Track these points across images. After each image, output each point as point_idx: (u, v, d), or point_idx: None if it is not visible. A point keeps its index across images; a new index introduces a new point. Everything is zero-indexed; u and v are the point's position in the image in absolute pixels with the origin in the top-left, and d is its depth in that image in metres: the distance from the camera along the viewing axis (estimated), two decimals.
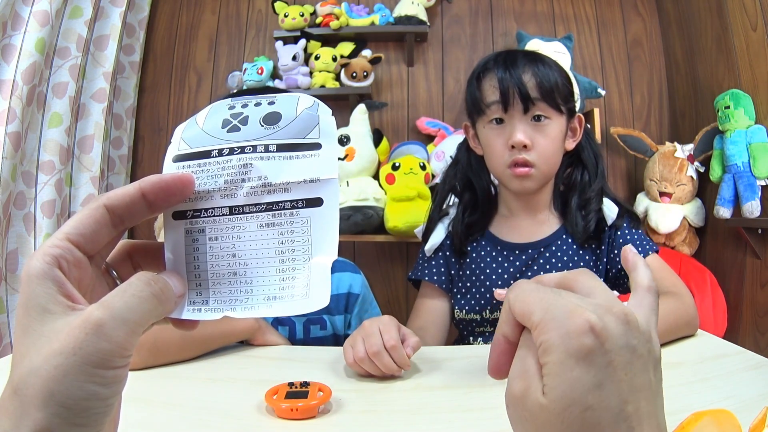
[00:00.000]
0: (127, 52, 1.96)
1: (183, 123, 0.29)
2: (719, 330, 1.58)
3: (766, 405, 0.38)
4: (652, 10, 2.09)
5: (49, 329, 0.21)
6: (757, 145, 1.51)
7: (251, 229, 0.26)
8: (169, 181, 0.26)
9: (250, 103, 0.29)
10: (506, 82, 0.81)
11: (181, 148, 0.27)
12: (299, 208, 0.26)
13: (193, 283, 0.27)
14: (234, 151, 0.27)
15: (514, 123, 0.81)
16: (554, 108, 0.82)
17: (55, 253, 0.23)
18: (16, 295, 1.46)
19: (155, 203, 0.26)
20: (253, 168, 0.26)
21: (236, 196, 0.26)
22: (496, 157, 0.85)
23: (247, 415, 0.54)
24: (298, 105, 0.28)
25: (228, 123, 0.28)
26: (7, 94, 1.39)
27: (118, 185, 1.96)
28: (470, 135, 0.92)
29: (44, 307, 0.22)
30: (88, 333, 0.21)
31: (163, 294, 0.24)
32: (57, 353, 0.20)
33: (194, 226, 0.27)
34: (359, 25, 1.95)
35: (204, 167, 0.27)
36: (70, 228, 0.24)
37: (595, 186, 0.87)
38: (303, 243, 0.26)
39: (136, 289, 0.23)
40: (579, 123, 0.88)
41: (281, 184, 0.26)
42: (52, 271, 0.22)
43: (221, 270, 0.26)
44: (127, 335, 0.22)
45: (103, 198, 0.25)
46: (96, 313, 0.21)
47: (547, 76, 0.81)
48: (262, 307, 0.26)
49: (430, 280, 0.92)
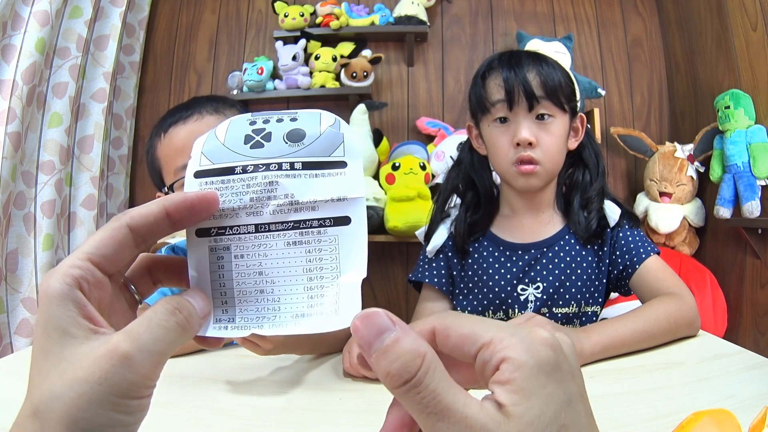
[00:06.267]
0: (127, 52, 1.96)
1: (201, 137, 0.28)
2: (719, 330, 1.58)
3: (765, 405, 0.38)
4: (652, 10, 2.09)
5: (71, 354, 0.21)
6: (757, 145, 1.51)
7: (278, 247, 0.26)
8: (194, 199, 0.25)
9: (271, 118, 0.28)
10: (511, 80, 0.81)
11: (203, 164, 0.27)
12: (327, 226, 0.26)
13: (218, 301, 0.26)
14: (259, 168, 0.26)
15: (519, 121, 0.82)
16: (558, 106, 0.83)
17: (76, 274, 0.22)
18: (16, 295, 1.46)
19: (180, 222, 0.25)
20: (279, 186, 0.26)
21: (262, 214, 0.26)
22: (501, 156, 0.85)
23: (247, 415, 0.54)
24: (321, 122, 0.28)
25: (251, 139, 0.27)
26: (7, 94, 1.39)
27: (118, 185, 1.95)
28: (474, 135, 0.92)
29: (65, 330, 0.21)
30: (114, 364, 0.21)
31: (187, 323, 0.24)
32: (81, 381, 0.20)
33: (219, 244, 0.26)
34: (359, 25, 1.95)
35: (228, 184, 0.26)
36: (92, 248, 0.23)
37: (597, 185, 0.88)
38: (331, 261, 0.26)
39: (162, 319, 0.23)
40: (581, 123, 0.88)
41: (308, 202, 0.26)
42: (72, 293, 0.22)
43: (247, 288, 0.26)
44: (153, 366, 0.22)
45: (126, 217, 0.24)
46: (123, 345, 0.21)
47: (550, 76, 0.82)
48: (291, 325, 0.26)
49: (431, 282, 0.92)
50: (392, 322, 0.21)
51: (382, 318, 0.21)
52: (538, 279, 0.86)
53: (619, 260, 0.86)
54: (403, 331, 0.21)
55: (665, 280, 0.81)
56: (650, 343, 0.70)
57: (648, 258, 0.83)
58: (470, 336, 0.22)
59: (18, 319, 1.46)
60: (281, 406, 0.57)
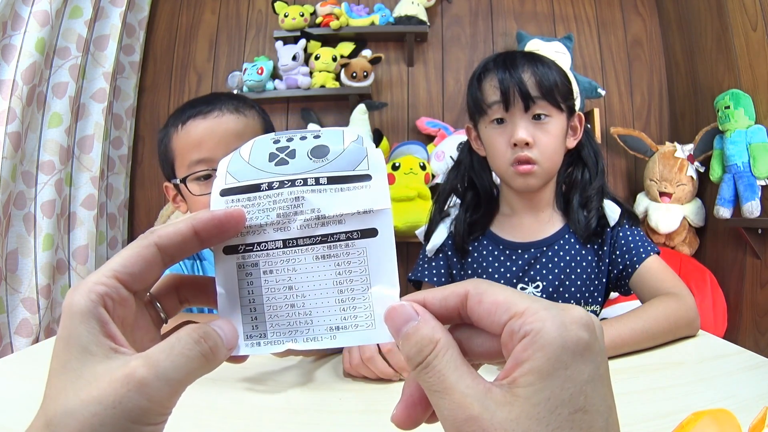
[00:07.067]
0: (127, 52, 1.96)
1: (227, 157, 0.29)
2: (719, 330, 1.58)
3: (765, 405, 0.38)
4: (652, 10, 2.09)
5: (89, 372, 0.21)
6: (757, 145, 1.51)
7: (307, 261, 0.26)
8: (222, 218, 0.25)
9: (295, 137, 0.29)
10: (506, 82, 0.82)
11: (228, 182, 0.27)
12: (354, 239, 0.26)
13: (247, 317, 0.27)
14: (284, 185, 0.27)
15: (516, 121, 0.82)
16: (554, 106, 0.83)
17: (101, 291, 0.22)
18: (16, 295, 1.46)
19: (208, 240, 0.26)
20: (305, 201, 0.26)
21: (289, 229, 0.26)
22: (499, 156, 0.85)
23: (248, 415, 0.54)
24: (345, 139, 0.28)
25: (275, 156, 0.28)
26: (7, 94, 1.40)
27: (117, 185, 1.96)
28: (473, 137, 0.92)
29: (86, 347, 0.21)
30: (129, 389, 0.20)
31: (212, 353, 0.23)
32: (96, 401, 0.20)
33: (247, 260, 0.27)
34: (359, 25, 1.95)
35: (254, 201, 0.27)
36: (119, 265, 0.23)
37: (596, 184, 0.88)
38: (361, 273, 0.26)
39: (185, 347, 0.22)
40: (579, 121, 0.88)
41: (335, 216, 0.26)
42: (96, 310, 0.22)
43: (278, 302, 0.26)
44: (169, 395, 0.22)
45: (154, 237, 0.24)
46: (140, 371, 0.21)
47: (546, 75, 0.82)
48: (326, 338, 0.26)
49: (431, 281, 0.93)
50: (416, 312, 0.23)
51: (407, 309, 0.23)
52: (538, 278, 0.86)
53: (618, 260, 0.86)
54: (423, 320, 0.23)
55: (665, 280, 0.81)
56: (650, 343, 0.70)
57: (648, 258, 0.83)
58: (504, 303, 0.22)
59: (18, 319, 1.46)
60: (281, 406, 0.57)
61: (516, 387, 0.20)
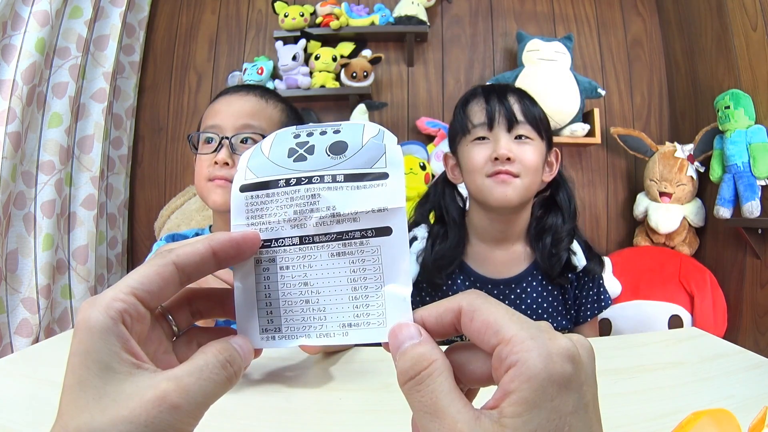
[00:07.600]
0: (127, 52, 1.96)
1: (248, 150, 0.29)
2: (719, 330, 1.58)
3: (765, 405, 0.38)
4: (652, 10, 2.09)
5: (114, 390, 0.21)
6: (757, 145, 1.51)
7: (322, 258, 0.27)
8: (239, 240, 0.26)
9: (315, 131, 0.29)
10: (493, 103, 0.85)
11: (248, 178, 0.28)
12: (369, 237, 0.26)
13: (263, 311, 0.27)
14: (301, 182, 0.27)
15: (498, 138, 0.84)
16: (536, 131, 0.86)
17: (120, 308, 0.22)
18: (16, 295, 1.46)
19: (225, 261, 0.26)
20: (321, 198, 0.27)
21: (306, 226, 0.27)
22: (477, 170, 0.86)
23: (248, 415, 0.54)
24: (364, 134, 0.29)
25: (294, 152, 0.28)
26: (7, 94, 1.39)
27: (117, 185, 1.95)
28: (450, 166, 0.94)
29: (107, 365, 0.22)
30: (162, 411, 0.21)
31: (235, 376, 0.24)
32: (126, 421, 0.21)
33: (265, 256, 0.27)
34: (359, 25, 1.95)
35: (272, 197, 0.27)
36: (137, 283, 0.23)
37: (567, 226, 0.90)
38: (374, 271, 0.26)
39: (213, 372, 0.23)
40: (555, 158, 0.91)
41: (350, 214, 0.27)
42: (116, 327, 0.22)
43: (293, 298, 0.27)
44: (197, 414, 0.22)
45: (173, 255, 0.25)
46: (173, 397, 0.21)
47: (529, 106, 0.86)
48: (338, 334, 0.26)
49: None
50: (419, 333, 0.24)
51: (411, 329, 0.24)
52: None
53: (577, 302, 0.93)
54: (424, 341, 0.23)
55: None
56: None
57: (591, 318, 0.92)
58: (494, 325, 0.22)
59: (18, 319, 1.46)
60: (281, 406, 0.57)
61: (504, 417, 0.20)
